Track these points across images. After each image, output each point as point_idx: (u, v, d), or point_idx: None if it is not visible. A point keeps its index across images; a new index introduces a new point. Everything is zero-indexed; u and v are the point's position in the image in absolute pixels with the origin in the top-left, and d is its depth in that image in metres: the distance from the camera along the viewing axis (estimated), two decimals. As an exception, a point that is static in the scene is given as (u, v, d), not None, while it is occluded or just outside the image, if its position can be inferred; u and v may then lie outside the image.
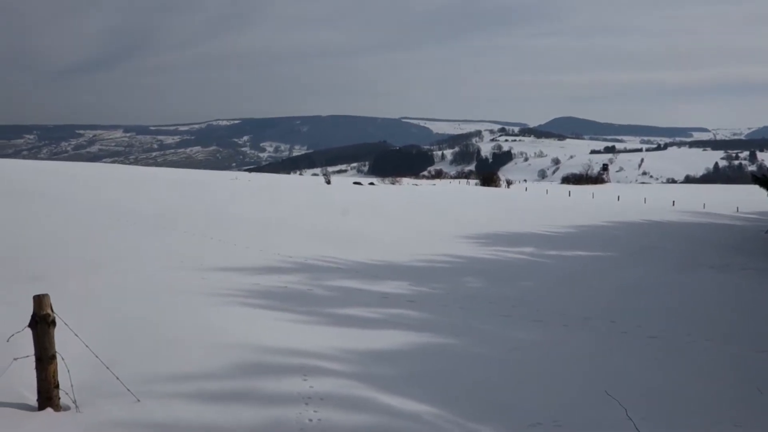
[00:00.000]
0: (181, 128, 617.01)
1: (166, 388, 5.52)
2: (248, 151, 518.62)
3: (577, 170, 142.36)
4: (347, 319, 8.87)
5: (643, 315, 10.44)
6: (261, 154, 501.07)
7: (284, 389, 5.75)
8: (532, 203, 37.83)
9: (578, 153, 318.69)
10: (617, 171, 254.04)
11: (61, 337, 5.03)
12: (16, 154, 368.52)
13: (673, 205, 44.86)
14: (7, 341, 5.26)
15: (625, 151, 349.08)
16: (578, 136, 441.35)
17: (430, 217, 25.14)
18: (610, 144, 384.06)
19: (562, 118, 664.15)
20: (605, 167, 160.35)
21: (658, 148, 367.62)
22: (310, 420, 5.12)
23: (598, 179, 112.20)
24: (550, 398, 6.40)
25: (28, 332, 4.89)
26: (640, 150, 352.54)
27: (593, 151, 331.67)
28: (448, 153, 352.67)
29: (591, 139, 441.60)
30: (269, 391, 5.68)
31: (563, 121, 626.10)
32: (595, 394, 6.48)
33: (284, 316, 8.65)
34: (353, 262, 14.02)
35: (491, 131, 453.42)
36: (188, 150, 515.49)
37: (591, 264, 15.99)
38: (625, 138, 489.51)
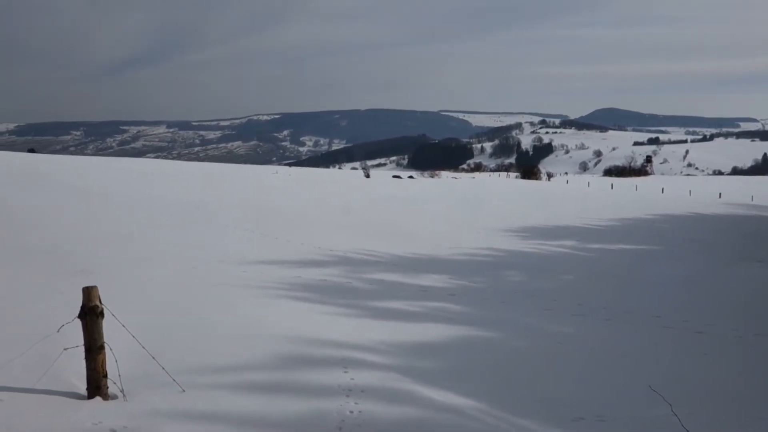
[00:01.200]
0: (223, 123, 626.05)
1: (210, 379, 5.61)
2: (288, 146, 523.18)
3: (619, 162, 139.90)
4: (387, 312, 8.89)
5: (688, 309, 10.23)
6: (301, 149, 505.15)
7: (325, 381, 5.80)
8: (574, 196, 37.31)
9: (621, 145, 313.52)
10: (661, 163, 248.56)
11: (108, 328, 5.15)
12: (64, 150, 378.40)
13: (720, 197, 43.85)
14: (58, 332, 5.41)
15: (670, 142, 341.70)
16: (621, 128, 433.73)
17: (470, 211, 25.01)
18: (653, 135, 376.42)
19: (604, 109, 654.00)
20: (649, 159, 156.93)
21: (704, 139, 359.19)
22: (351, 412, 5.15)
23: (641, 171, 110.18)
24: (593, 393, 6.32)
25: (78, 323, 5.02)
26: (685, 141, 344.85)
27: (636, 143, 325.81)
28: (488, 146, 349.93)
29: (634, 130, 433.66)
30: (310, 383, 5.73)
31: (605, 113, 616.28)
32: (639, 389, 6.38)
33: (325, 309, 8.71)
34: (393, 256, 14.03)
35: (531, 123, 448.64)
36: (229, 145, 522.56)
37: (634, 257, 15.72)
38: (669, 129, 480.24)
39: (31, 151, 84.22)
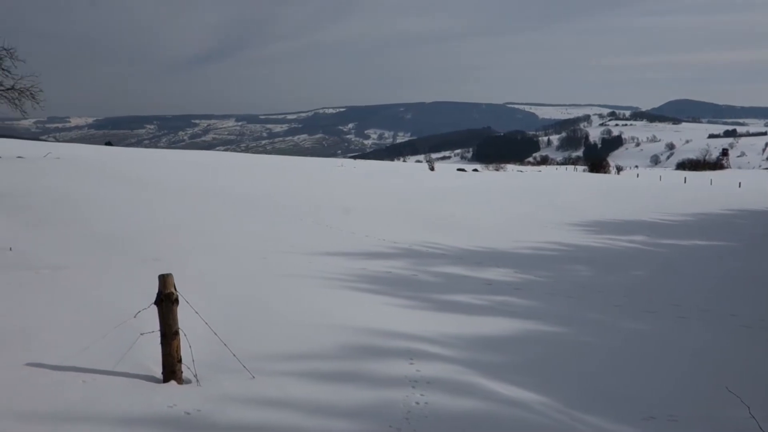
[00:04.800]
0: (289, 117, 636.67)
1: (279, 367, 5.73)
2: (353, 139, 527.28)
3: (693, 156, 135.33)
4: (452, 305, 8.87)
5: (767, 308, 9.81)
6: (365, 141, 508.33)
7: (391, 372, 5.84)
8: (644, 190, 36.24)
9: (695, 137, 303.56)
10: (738, 156, 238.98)
11: (182, 314, 5.33)
12: (138, 143, 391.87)
13: (802, 192, 41.83)
14: (134, 317, 5.64)
15: (748, 134, 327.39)
16: (695, 120, 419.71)
17: (536, 204, 24.64)
18: (730, 127, 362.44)
19: (677, 100, 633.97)
20: (725, 152, 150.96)
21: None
22: (417, 403, 5.18)
23: (717, 165, 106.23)
24: (665, 392, 6.15)
25: (153, 309, 5.21)
26: (765, 134, 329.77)
27: (711, 136, 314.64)
28: (555, 138, 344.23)
29: (709, 122, 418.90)
30: (377, 373, 5.78)
31: (678, 104, 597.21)
32: (714, 389, 6.17)
33: (390, 301, 8.76)
34: (457, 249, 13.97)
35: (600, 116, 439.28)
36: (296, 138, 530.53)
37: (709, 254, 15.17)
38: (747, 121, 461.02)
39: (108, 144, 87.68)
